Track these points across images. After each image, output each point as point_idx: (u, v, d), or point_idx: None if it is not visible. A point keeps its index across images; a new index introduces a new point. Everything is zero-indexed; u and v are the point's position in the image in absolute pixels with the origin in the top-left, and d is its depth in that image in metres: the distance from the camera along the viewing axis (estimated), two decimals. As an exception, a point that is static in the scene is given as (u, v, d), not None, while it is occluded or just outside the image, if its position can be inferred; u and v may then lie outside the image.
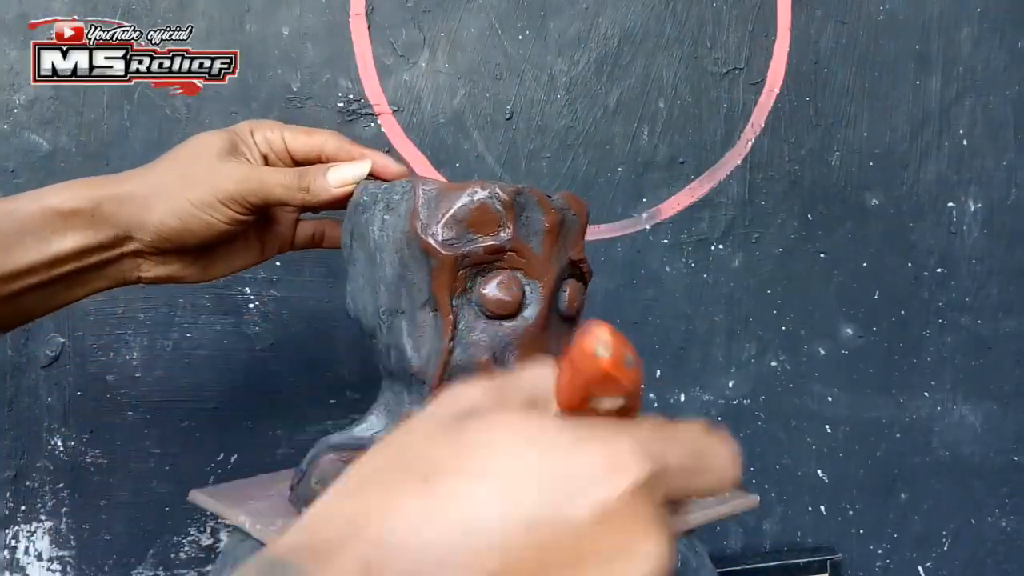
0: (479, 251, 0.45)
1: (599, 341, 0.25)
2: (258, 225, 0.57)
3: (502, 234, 0.45)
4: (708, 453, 0.27)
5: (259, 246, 0.58)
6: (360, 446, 0.46)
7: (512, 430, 0.25)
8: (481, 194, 0.45)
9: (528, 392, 0.28)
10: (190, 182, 0.51)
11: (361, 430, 0.48)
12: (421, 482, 0.24)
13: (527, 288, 0.46)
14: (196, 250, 0.54)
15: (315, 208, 0.54)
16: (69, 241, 0.50)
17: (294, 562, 0.23)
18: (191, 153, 0.52)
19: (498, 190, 0.45)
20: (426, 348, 0.45)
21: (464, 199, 0.44)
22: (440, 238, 0.44)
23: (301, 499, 0.47)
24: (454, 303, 0.45)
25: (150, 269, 0.55)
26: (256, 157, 0.55)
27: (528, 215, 0.46)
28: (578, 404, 0.26)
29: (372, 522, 0.23)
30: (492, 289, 0.45)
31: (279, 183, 0.52)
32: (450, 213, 0.44)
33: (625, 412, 0.27)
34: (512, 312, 0.45)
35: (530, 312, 0.46)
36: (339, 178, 0.52)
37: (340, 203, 0.53)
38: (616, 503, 0.24)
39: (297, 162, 0.56)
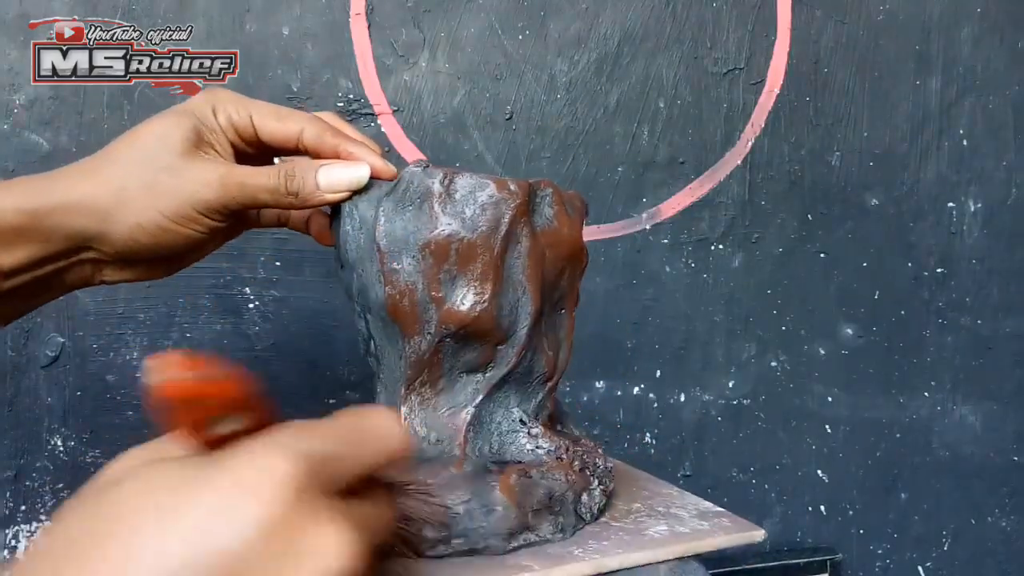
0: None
1: (150, 372, 0.24)
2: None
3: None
4: (359, 429, 0.27)
5: (225, 232, 0.50)
6: None
7: (138, 488, 0.24)
8: (583, 201, 0.49)
9: (171, 447, 0.28)
10: (158, 190, 0.44)
11: (470, 450, 0.47)
12: (74, 559, 0.23)
13: None
14: (168, 257, 0.48)
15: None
16: (18, 254, 0.44)
17: None
18: (151, 148, 0.45)
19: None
20: (554, 346, 0.48)
21: (579, 204, 0.49)
22: (581, 241, 0.49)
23: (499, 532, 0.45)
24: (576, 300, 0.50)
25: (113, 274, 0.48)
26: (223, 144, 0.47)
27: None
28: (202, 438, 0.26)
29: None
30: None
31: (263, 187, 0.45)
32: (581, 218, 0.49)
33: (254, 427, 0.26)
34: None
35: None
36: (332, 183, 0.46)
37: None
38: (260, 515, 0.23)
39: (267, 148, 0.49)
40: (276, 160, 0.51)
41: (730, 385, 0.86)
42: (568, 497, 0.43)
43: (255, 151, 0.49)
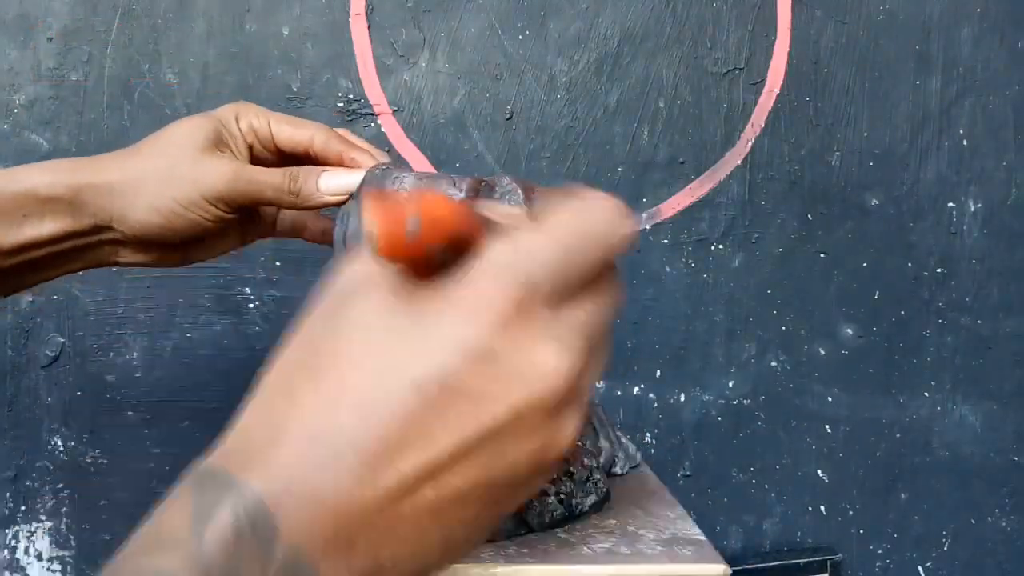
0: None
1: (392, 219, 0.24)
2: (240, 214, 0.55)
3: None
4: (585, 227, 0.26)
5: (240, 233, 0.56)
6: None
7: (374, 306, 0.25)
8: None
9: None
10: (174, 178, 0.49)
11: None
12: (311, 378, 0.25)
13: None
14: (178, 242, 0.52)
15: (304, 211, 0.53)
16: (46, 227, 0.49)
17: (225, 470, 0.24)
18: (174, 143, 0.50)
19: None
20: None
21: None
22: None
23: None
24: None
25: (128, 256, 0.53)
26: (241, 147, 0.52)
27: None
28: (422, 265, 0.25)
29: (287, 422, 0.24)
30: None
31: (269, 184, 0.50)
32: None
33: (464, 245, 0.25)
34: None
35: None
36: (331, 187, 0.50)
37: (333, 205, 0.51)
38: (477, 342, 0.24)
39: (284, 154, 0.54)
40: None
41: (730, 385, 0.86)
42: None
43: (272, 157, 0.54)
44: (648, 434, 0.85)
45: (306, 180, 0.50)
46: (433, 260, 0.25)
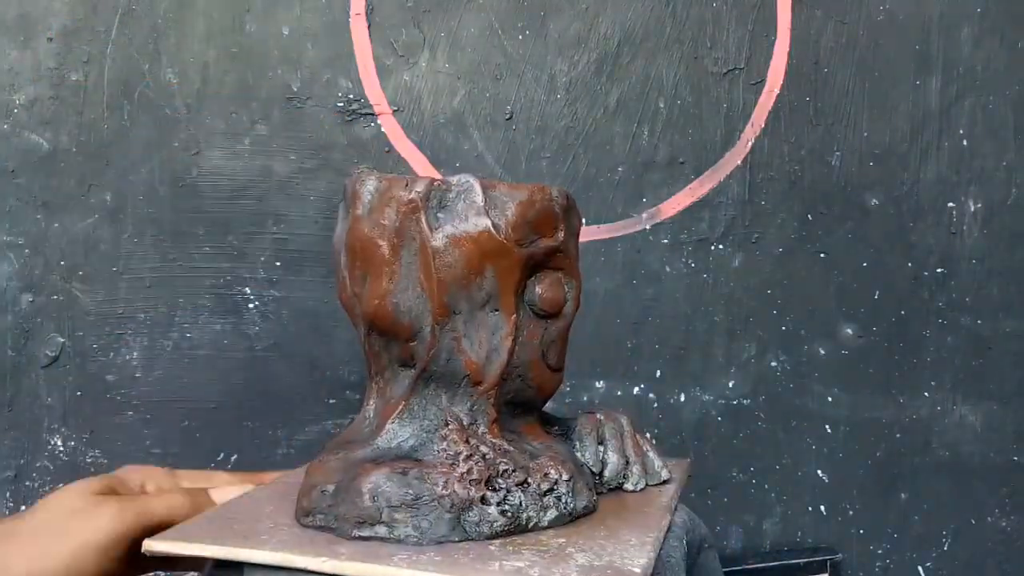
0: (540, 252, 0.46)
1: None
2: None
3: (558, 235, 0.46)
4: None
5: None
6: (404, 456, 0.45)
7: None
8: (548, 196, 0.46)
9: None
10: (69, 533, 0.43)
11: (384, 440, 0.46)
12: None
13: (567, 287, 0.48)
14: None
15: None
16: None
17: None
18: (63, 508, 0.44)
19: (557, 193, 0.47)
20: (484, 348, 0.46)
21: (534, 199, 0.45)
22: (513, 238, 0.45)
23: (348, 518, 0.43)
24: (516, 302, 0.46)
25: None
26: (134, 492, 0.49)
27: (571, 217, 0.48)
28: None
29: None
30: (546, 288, 0.47)
31: (166, 506, 0.46)
32: (520, 213, 0.45)
33: None
34: (558, 311, 0.47)
35: (567, 309, 0.48)
36: (223, 497, 0.48)
37: None
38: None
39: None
40: None
41: (730, 385, 0.86)
42: (444, 503, 0.42)
43: None
44: (648, 434, 0.85)
45: (205, 501, 0.48)
46: None
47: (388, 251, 0.44)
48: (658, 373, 0.85)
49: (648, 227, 0.84)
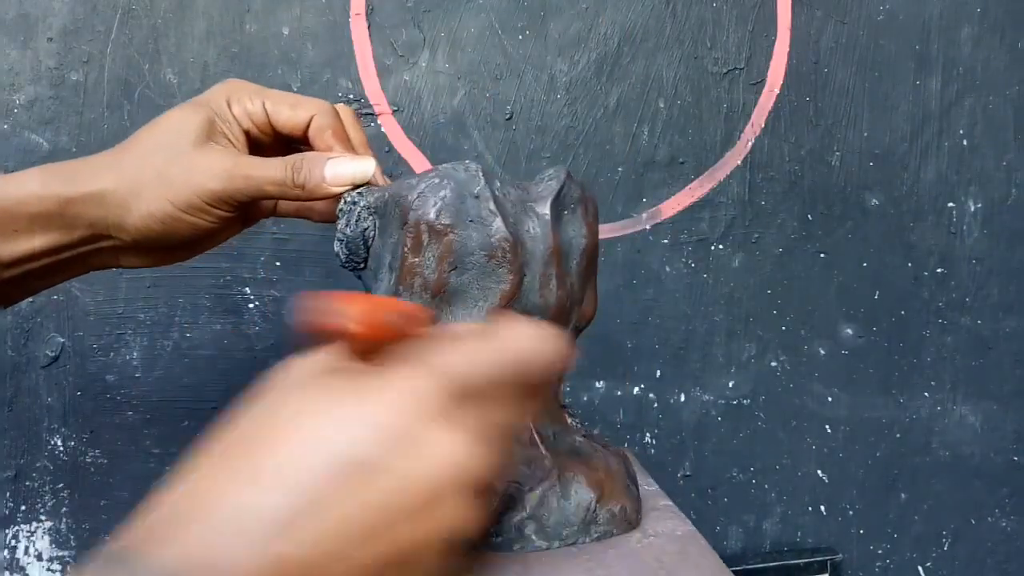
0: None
1: (328, 312, 0.28)
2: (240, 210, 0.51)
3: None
4: (526, 348, 0.29)
5: (241, 219, 0.52)
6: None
7: (300, 396, 0.27)
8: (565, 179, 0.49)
9: (331, 358, 0.30)
10: (169, 180, 0.46)
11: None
12: (236, 461, 0.26)
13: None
14: (179, 244, 0.50)
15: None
16: (38, 241, 0.46)
17: (134, 551, 0.24)
18: (166, 140, 0.46)
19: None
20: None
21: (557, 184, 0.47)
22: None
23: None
24: None
25: (130, 260, 0.50)
26: (237, 135, 0.48)
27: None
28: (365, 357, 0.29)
29: (209, 499, 0.25)
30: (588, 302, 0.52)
31: (270, 180, 0.46)
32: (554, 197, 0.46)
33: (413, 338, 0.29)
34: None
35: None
36: (338, 177, 0.46)
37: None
38: (404, 419, 0.26)
39: (283, 137, 0.50)
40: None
41: (730, 385, 0.86)
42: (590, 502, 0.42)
43: (270, 140, 0.50)
44: (648, 434, 0.85)
45: (310, 171, 0.46)
46: (381, 348, 0.28)
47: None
48: (658, 373, 0.85)
49: (648, 227, 0.84)
